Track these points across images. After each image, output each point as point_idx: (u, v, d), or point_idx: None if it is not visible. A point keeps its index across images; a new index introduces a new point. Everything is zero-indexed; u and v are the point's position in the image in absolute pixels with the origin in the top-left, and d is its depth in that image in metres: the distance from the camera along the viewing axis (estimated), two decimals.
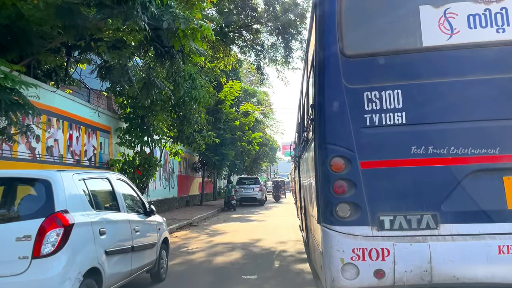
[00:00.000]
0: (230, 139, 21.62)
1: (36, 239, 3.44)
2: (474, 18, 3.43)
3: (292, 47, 18.15)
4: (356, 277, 3.23)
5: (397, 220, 3.28)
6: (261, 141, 27.68)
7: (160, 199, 16.99)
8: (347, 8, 3.55)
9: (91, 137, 11.00)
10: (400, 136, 3.37)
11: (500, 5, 3.39)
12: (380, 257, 3.20)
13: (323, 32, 3.63)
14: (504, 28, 3.38)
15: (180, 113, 12.56)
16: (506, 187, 3.22)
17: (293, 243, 9.23)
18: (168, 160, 18.42)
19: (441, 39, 3.45)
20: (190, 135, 13.17)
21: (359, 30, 3.69)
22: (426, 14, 3.46)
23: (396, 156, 3.36)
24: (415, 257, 3.19)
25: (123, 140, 12.03)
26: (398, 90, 3.38)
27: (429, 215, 3.26)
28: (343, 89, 3.44)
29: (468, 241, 3.18)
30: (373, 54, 3.60)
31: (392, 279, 3.18)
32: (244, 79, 35.84)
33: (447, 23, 3.45)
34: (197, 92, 11.38)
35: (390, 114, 3.37)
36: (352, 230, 3.31)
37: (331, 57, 3.50)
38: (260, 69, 19.44)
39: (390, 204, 3.33)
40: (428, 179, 3.31)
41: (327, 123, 3.51)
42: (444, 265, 3.15)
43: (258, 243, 9.43)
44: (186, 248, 8.85)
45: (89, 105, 10.85)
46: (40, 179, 3.86)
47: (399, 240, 3.23)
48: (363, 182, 3.34)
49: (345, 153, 3.38)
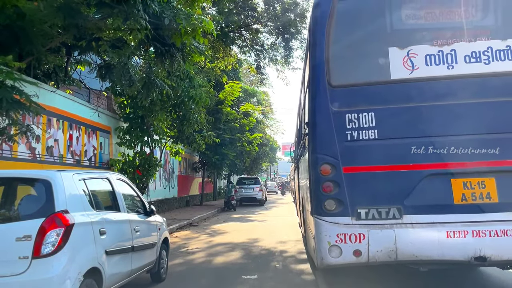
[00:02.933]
0: (230, 139, 21.60)
1: (36, 239, 3.44)
2: (430, 57, 4.37)
3: (292, 46, 18.15)
4: (339, 256, 4.15)
5: (371, 212, 4.20)
6: (261, 142, 27.67)
7: (160, 199, 16.99)
8: (333, 50, 4.49)
9: (91, 137, 11.00)
10: (373, 148, 4.30)
11: (450, 48, 4.36)
12: (357, 240, 4.12)
13: (314, 68, 4.59)
14: (453, 65, 4.33)
15: (180, 113, 12.54)
16: (453, 187, 4.14)
17: (293, 243, 9.23)
18: (168, 160, 18.42)
19: (404, 73, 4.39)
20: (190, 135, 13.15)
21: (342, 66, 4.66)
22: (393, 54, 4.42)
23: (370, 163, 4.30)
24: (384, 240, 4.10)
25: (123, 140, 12.02)
26: (372, 113, 4.32)
27: (395, 208, 4.17)
28: (330, 112, 4.39)
29: (424, 228, 4.09)
30: (352, 84, 4.59)
31: (366, 257, 4.11)
32: (244, 79, 35.84)
33: (409, 61, 4.39)
34: (194, 91, 11.37)
35: (365, 131, 4.31)
36: (336, 220, 4.23)
37: (321, 87, 4.47)
38: (260, 69, 19.40)
39: (365, 200, 4.24)
40: (394, 181, 4.24)
41: (318, 137, 4.48)
42: (406, 246, 4.07)
43: (258, 243, 9.44)
44: (186, 248, 8.85)
45: (89, 105, 10.85)
46: (40, 179, 3.86)
47: (372, 227, 4.15)
48: (345, 183, 4.26)
49: (331, 161, 4.31)
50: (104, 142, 11.82)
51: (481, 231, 4.00)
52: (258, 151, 28.00)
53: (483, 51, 4.31)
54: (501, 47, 4.29)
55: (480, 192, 4.11)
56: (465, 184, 4.14)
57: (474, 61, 4.32)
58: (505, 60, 4.26)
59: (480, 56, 4.31)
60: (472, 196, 4.11)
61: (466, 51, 4.34)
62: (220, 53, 20.38)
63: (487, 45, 4.32)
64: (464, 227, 4.02)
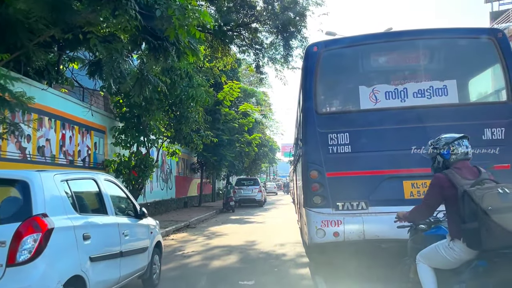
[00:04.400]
0: (228, 140, 21.27)
1: (11, 246, 3.16)
2: (389, 93, 5.80)
3: (292, 45, 17.79)
4: (323, 237, 5.49)
5: (346, 205, 5.56)
6: (260, 142, 27.30)
7: (158, 201, 16.67)
8: (319, 88, 5.93)
9: (85, 137, 10.70)
10: (348, 159, 5.66)
11: (403, 86, 5.82)
12: (336, 225, 5.48)
13: (305, 100, 5.99)
14: (405, 99, 5.78)
15: (177, 112, 12.22)
16: (404, 187, 5.52)
17: (292, 246, 8.93)
18: (165, 161, 18.09)
19: (370, 105, 5.82)
20: (188, 135, 12.80)
21: (325, 99, 6.39)
22: (362, 91, 5.88)
23: (346, 169, 5.66)
24: (355, 225, 5.45)
25: (119, 140, 11.70)
26: (347, 133, 5.69)
27: (363, 202, 5.54)
28: (317, 132, 5.78)
29: (383, 216, 5.27)
30: (333, 112, 6.42)
31: (343, 237, 5.46)
32: (244, 79, 35.54)
33: (374, 96, 5.82)
34: (194, 90, 11.06)
35: (342, 146, 5.68)
36: (321, 210, 5.60)
37: (310, 114, 5.89)
38: (259, 68, 19.06)
39: (342, 196, 5.58)
40: (363, 182, 5.58)
41: (308, 151, 5.90)
42: (371, 229, 5.41)
43: (256, 246, 9.14)
44: (182, 251, 8.55)
45: (82, 103, 10.50)
46: (17, 180, 3.57)
47: (346, 216, 5.51)
48: (327, 184, 5.61)
49: (318, 168, 5.68)
50: (99, 142, 11.52)
51: None
52: (257, 151, 27.66)
53: (427, 89, 5.78)
54: (440, 86, 5.77)
55: (423, 190, 5.30)
56: (413, 185, 5.52)
57: (420, 96, 5.76)
58: (442, 96, 5.74)
59: (424, 93, 5.77)
60: (418, 193, 5.45)
61: (414, 89, 5.79)
62: (218, 53, 20.13)
63: (429, 85, 5.79)
64: None
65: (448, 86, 5.75)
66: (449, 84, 5.76)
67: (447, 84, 5.76)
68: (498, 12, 34.02)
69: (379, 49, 6.27)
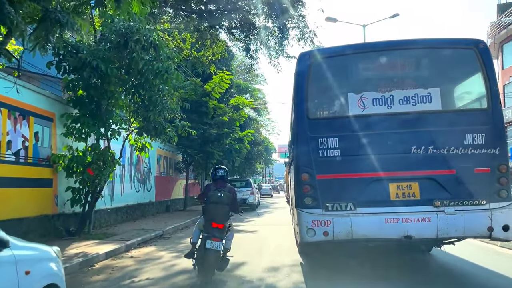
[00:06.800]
0: (216, 135, 18.77)
1: None
2: (376, 100, 6.19)
3: (287, 26, 15.31)
4: (314, 236, 5.86)
5: (335, 206, 5.89)
6: (252, 139, 24.74)
7: (131, 205, 14.46)
8: (310, 94, 6.37)
9: (20, 124, 8.23)
10: (337, 162, 6.04)
11: (389, 94, 6.21)
12: (326, 225, 5.82)
13: (297, 106, 6.45)
14: (391, 106, 6.15)
15: (144, 96, 9.70)
16: (390, 189, 5.89)
17: (288, 271, 6.62)
18: (143, 158, 15.54)
19: (358, 111, 6.24)
20: (158, 125, 10.26)
21: (316, 105, 6.91)
22: (351, 97, 6.32)
23: (335, 172, 6.03)
24: (344, 224, 5.82)
25: (71, 130, 9.21)
26: (336, 138, 6.07)
27: (351, 203, 5.87)
28: (308, 137, 6.21)
29: (370, 216, 5.82)
30: (323, 118, 6.98)
31: (332, 236, 5.83)
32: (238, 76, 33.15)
33: (362, 102, 6.22)
34: (160, 64, 8.57)
35: (332, 150, 6.04)
36: (312, 211, 5.95)
37: (301, 119, 6.34)
38: (249, 52, 16.53)
39: (331, 197, 5.97)
40: (351, 184, 5.99)
41: (299, 155, 6.31)
42: (358, 228, 5.81)
43: (239, 270, 6.74)
44: (133, 278, 6.18)
45: (8, 78, 7.90)
46: None
47: (335, 216, 5.87)
48: (318, 186, 6.00)
49: (309, 171, 6.07)
50: (43, 131, 9.14)
51: (408, 218, 5.71)
52: (250, 150, 25.12)
53: (412, 96, 6.13)
54: (424, 94, 6.12)
55: (408, 192, 5.84)
56: (398, 187, 5.87)
57: (406, 103, 6.10)
58: (426, 103, 6.09)
59: (410, 100, 6.11)
60: (403, 195, 5.85)
61: (400, 96, 6.16)
62: (207, 40, 17.81)
63: (414, 92, 6.16)
64: (397, 216, 5.74)
65: (432, 94, 6.09)
66: (433, 92, 6.09)
67: (431, 92, 6.10)
68: (506, 5, 32.92)
69: (367, 58, 6.68)
